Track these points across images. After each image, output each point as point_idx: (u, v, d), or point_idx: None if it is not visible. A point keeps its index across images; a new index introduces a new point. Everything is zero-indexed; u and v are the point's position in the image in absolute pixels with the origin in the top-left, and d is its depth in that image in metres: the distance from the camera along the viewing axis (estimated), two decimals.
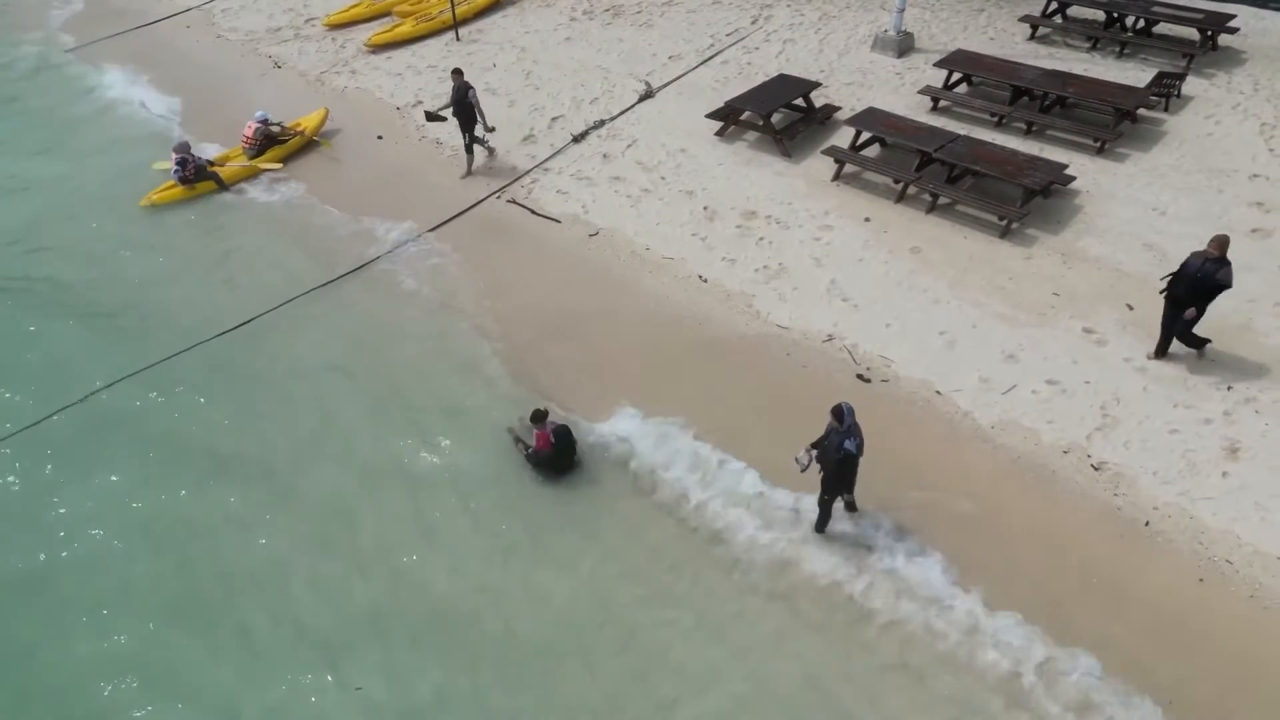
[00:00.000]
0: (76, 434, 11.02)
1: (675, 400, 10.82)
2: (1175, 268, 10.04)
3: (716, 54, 18.18)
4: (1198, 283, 9.59)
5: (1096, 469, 9.49)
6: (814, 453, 8.55)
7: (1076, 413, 10.08)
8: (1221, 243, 9.49)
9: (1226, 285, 9.56)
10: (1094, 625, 8.22)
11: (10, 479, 10.53)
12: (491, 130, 15.45)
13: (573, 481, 10.13)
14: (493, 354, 11.93)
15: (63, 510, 10.10)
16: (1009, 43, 17.19)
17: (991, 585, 8.59)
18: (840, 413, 8.34)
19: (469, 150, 15.43)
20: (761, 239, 13.26)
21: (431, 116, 15.49)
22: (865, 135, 14.14)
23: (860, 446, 8.39)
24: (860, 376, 10.91)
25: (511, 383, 11.45)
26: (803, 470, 8.63)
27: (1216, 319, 10.46)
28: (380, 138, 17.30)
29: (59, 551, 9.66)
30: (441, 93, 18.42)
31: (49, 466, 10.65)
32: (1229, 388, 10.05)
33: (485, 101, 17.59)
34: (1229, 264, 9.48)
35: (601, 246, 13.68)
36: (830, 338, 11.51)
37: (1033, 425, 10.03)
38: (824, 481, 8.71)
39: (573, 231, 14.10)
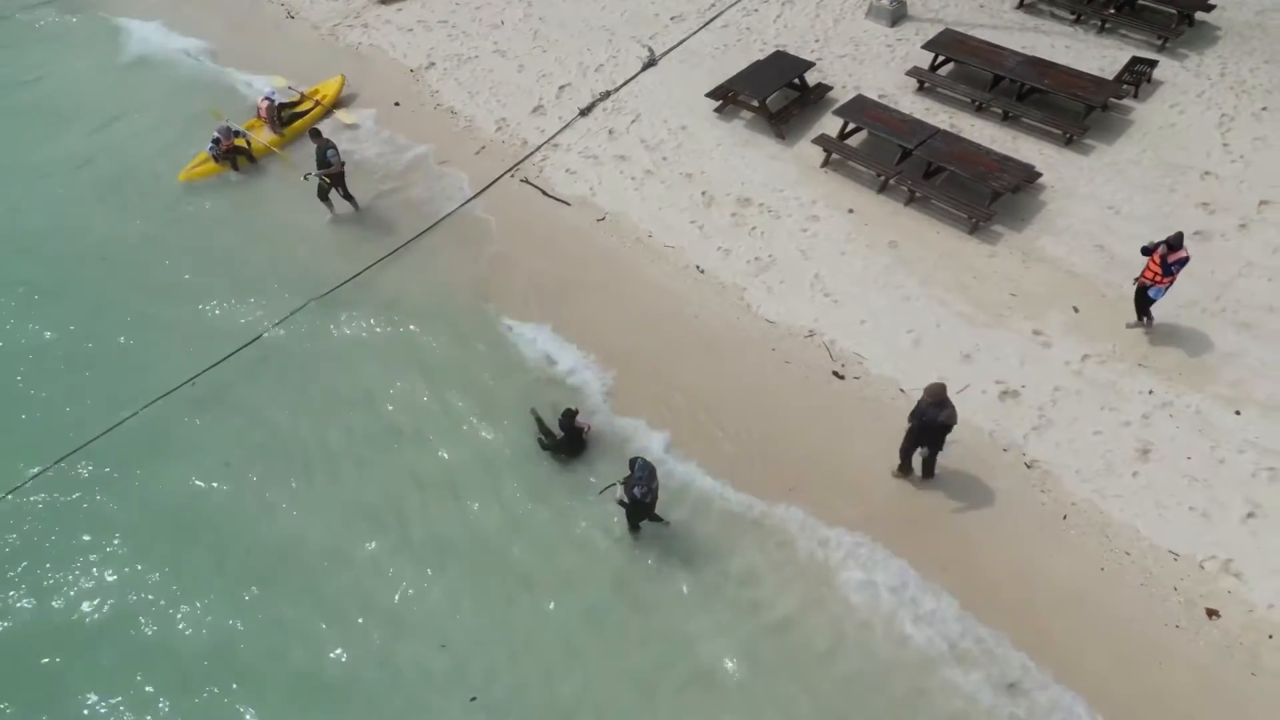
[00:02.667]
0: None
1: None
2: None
3: (717, 15, 18.86)
4: (925, 424, 10.39)
5: (1029, 467, 11.25)
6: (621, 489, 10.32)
7: (1018, 413, 11.75)
8: (935, 391, 10.11)
9: (950, 425, 10.28)
10: (1012, 603, 10.14)
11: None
12: (349, 198, 15.48)
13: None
14: None
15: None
16: (998, 11, 17.89)
17: (929, 566, 10.48)
18: (631, 465, 10.15)
19: (324, 198, 15.28)
20: (754, 229, 14.58)
21: (311, 176, 15.21)
22: (852, 125, 15.19)
23: (647, 494, 10.11)
24: (836, 374, 12.52)
25: None
26: (616, 499, 10.43)
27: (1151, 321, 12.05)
28: (397, 104, 18.26)
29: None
30: (451, 52, 19.36)
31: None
32: (1150, 392, 11.67)
33: (493, 62, 18.57)
34: (949, 406, 10.17)
35: (609, 231, 15.01)
36: (811, 333, 13.06)
37: (980, 424, 11.71)
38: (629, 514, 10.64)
39: (582, 215, 15.38)
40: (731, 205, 14.99)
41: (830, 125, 15.75)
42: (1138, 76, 15.44)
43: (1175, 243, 11.20)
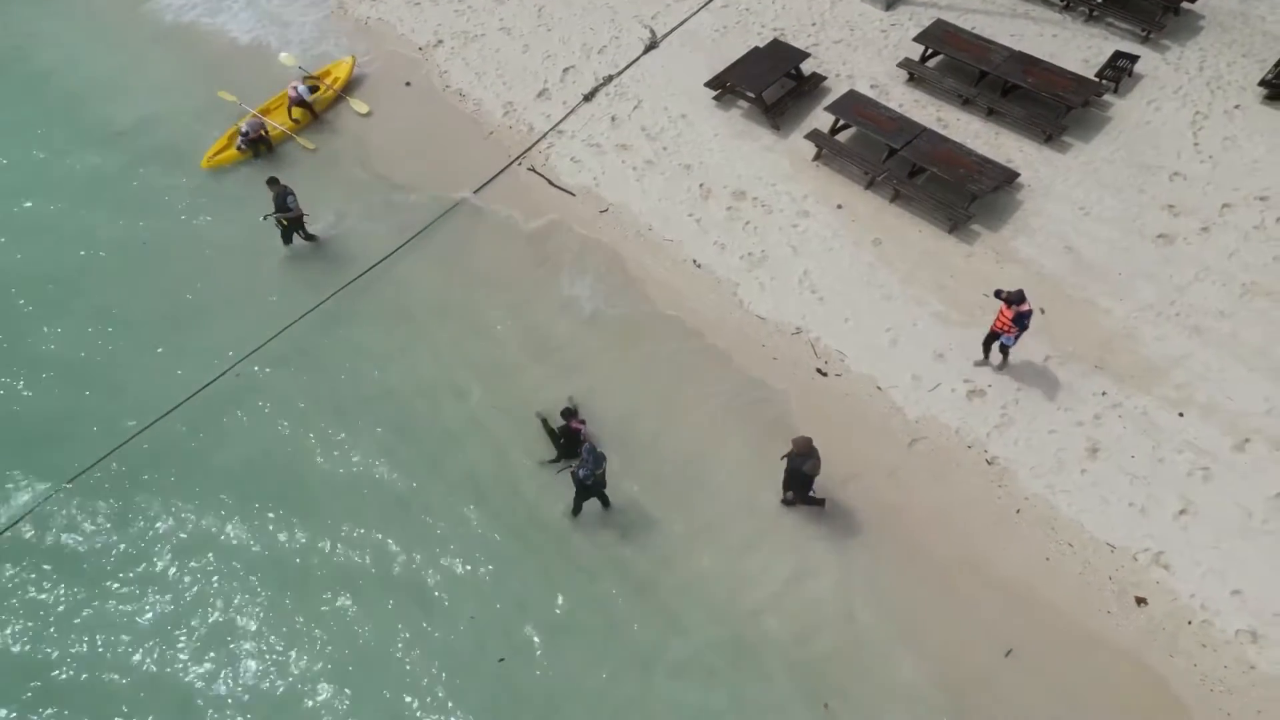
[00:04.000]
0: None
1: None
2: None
3: None
4: (793, 473, 11.56)
5: (990, 463, 12.50)
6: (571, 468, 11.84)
7: (983, 411, 12.94)
8: (801, 444, 11.27)
9: (811, 476, 11.46)
10: (968, 589, 11.53)
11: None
12: (311, 239, 16.06)
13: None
14: None
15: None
16: None
17: (894, 556, 11.85)
18: (581, 451, 11.67)
19: (287, 240, 15.80)
20: (747, 223, 15.51)
21: (269, 218, 15.60)
22: (843, 122, 15.96)
23: (590, 476, 11.57)
24: (819, 370, 13.67)
25: None
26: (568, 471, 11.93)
27: (1106, 325, 13.16)
28: (408, 84, 18.94)
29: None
30: (458, 30, 19.93)
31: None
32: (1104, 393, 12.83)
33: (499, 40, 19.19)
34: (813, 458, 11.30)
35: (611, 224, 15.96)
36: (799, 330, 14.16)
37: (948, 421, 12.93)
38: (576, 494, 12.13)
39: (586, 206, 16.30)
40: (727, 199, 15.88)
41: (823, 118, 16.48)
42: (1119, 72, 16.08)
43: (1014, 299, 12.05)
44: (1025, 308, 12.05)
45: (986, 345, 12.98)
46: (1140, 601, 11.21)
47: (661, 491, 12.69)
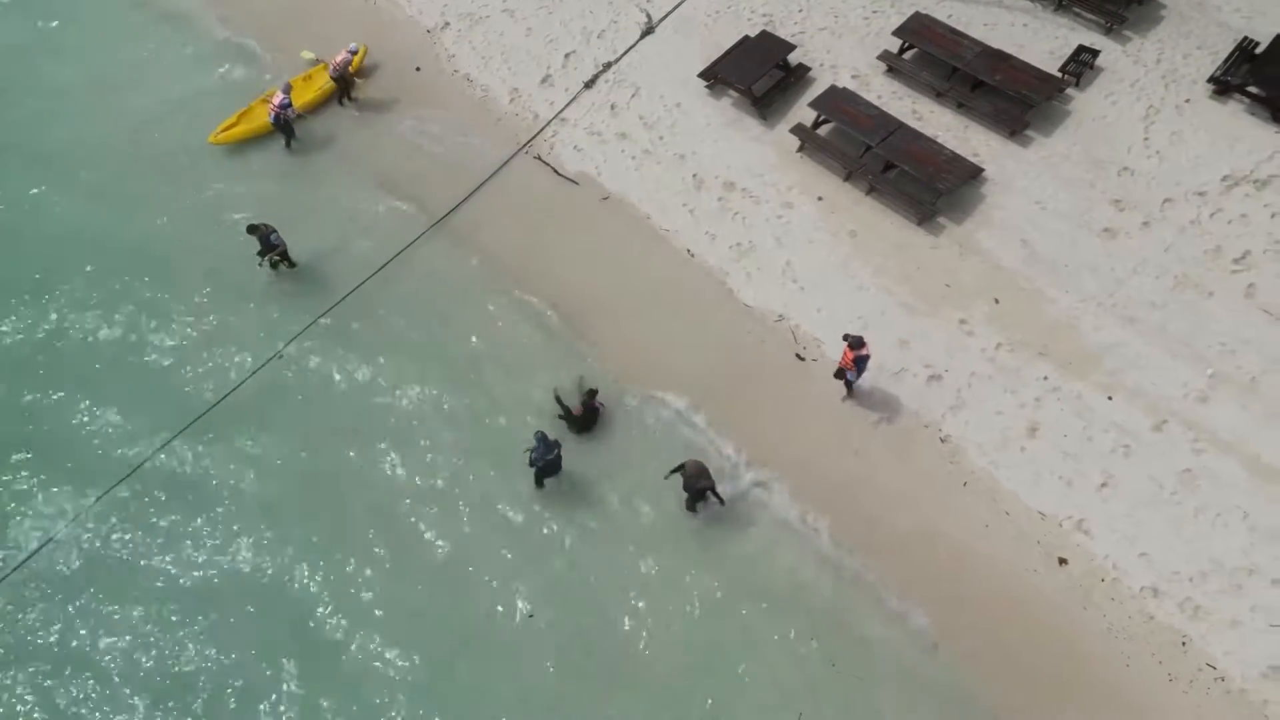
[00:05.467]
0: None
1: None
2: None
3: None
4: (689, 490, 13.69)
5: (943, 441, 14.46)
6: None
7: (940, 394, 14.82)
8: (693, 468, 13.43)
9: (707, 488, 13.51)
10: (918, 558, 13.63)
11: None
12: (292, 266, 17.12)
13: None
14: None
15: None
16: None
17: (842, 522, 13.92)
18: (535, 440, 13.65)
19: (274, 266, 16.93)
20: (736, 214, 17.07)
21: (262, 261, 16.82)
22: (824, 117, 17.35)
23: (541, 460, 13.65)
24: (798, 356, 15.49)
25: None
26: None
27: (1051, 315, 14.94)
28: (419, 69, 20.14)
29: None
30: (464, 11, 20.99)
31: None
32: (1045, 378, 14.69)
33: (503, 23, 20.33)
34: (705, 477, 13.44)
35: (612, 212, 17.50)
36: (781, 318, 15.92)
37: (908, 403, 14.83)
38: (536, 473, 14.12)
39: (588, 194, 17.81)
40: (718, 189, 17.39)
41: (808, 110, 17.78)
42: (1081, 66, 17.36)
43: (855, 343, 13.86)
44: (864, 352, 13.89)
45: (837, 376, 14.71)
46: (1062, 562, 13.33)
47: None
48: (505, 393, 15.62)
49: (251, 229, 16.39)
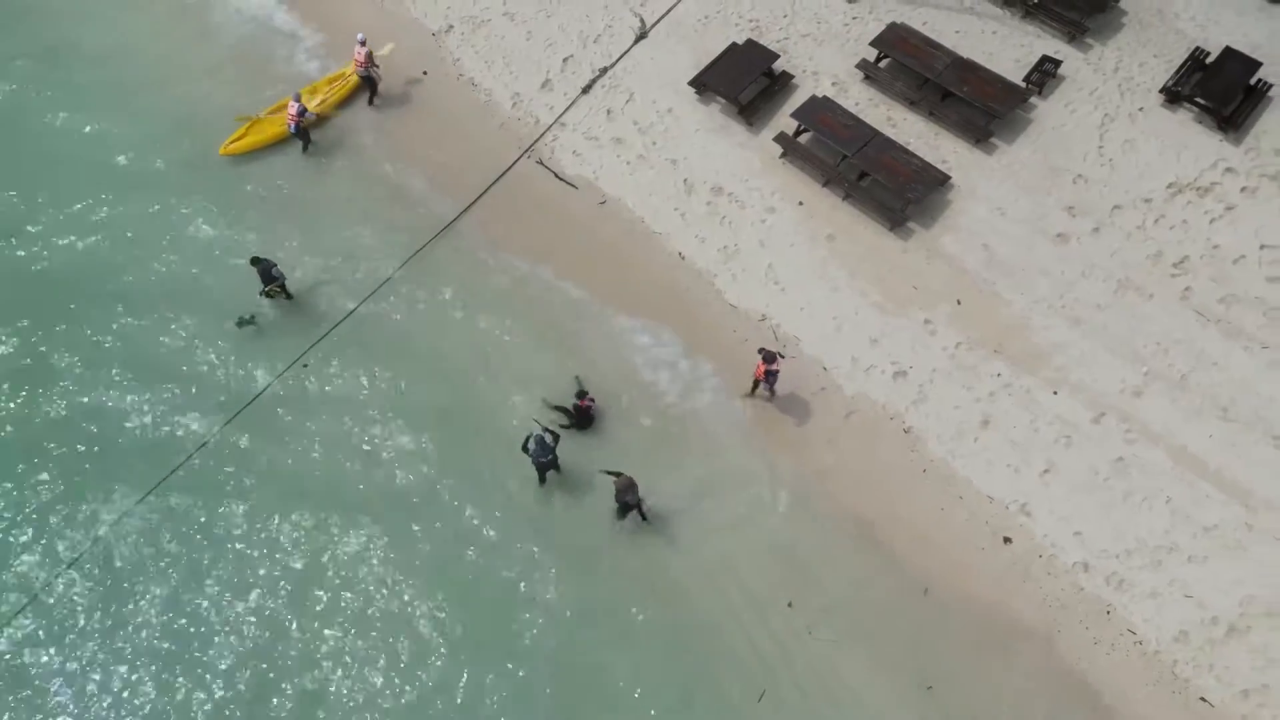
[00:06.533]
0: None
1: None
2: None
3: None
4: (620, 503, 15.11)
5: (906, 432, 16.22)
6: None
7: (904, 389, 16.53)
8: (621, 483, 14.79)
9: (636, 503, 14.95)
10: (886, 535, 15.49)
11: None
12: (289, 298, 18.12)
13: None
14: None
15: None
16: None
17: (829, 508, 15.77)
18: (532, 440, 15.09)
19: (273, 295, 17.81)
20: (724, 218, 18.55)
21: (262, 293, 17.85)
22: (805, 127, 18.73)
23: (537, 459, 15.18)
24: (779, 354, 17.14)
25: None
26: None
27: (1007, 316, 16.58)
28: (425, 74, 21.38)
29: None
30: (466, 14, 22.14)
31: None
32: (999, 375, 16.39)
33: (504, 27, 21.53)
34: (633, 490, 14.79)
35: (609, 215, 18.99)
36: (764, 318, 17.54)
37: (876, 398, 16.55)
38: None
39: (587, 198, 19.27)
40: (707, 194, 18.84)
41: (791, 108, 19.09)
42: (1044, 76, 18.69)
43: (768, 358, 15.55)
44: (775, 367, 15.62)
45: (753, 389, 16.47)
46: (1007, 540, 15.20)
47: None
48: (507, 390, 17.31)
49: (255, 261, 17.49)
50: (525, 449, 15.29)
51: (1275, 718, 13.38)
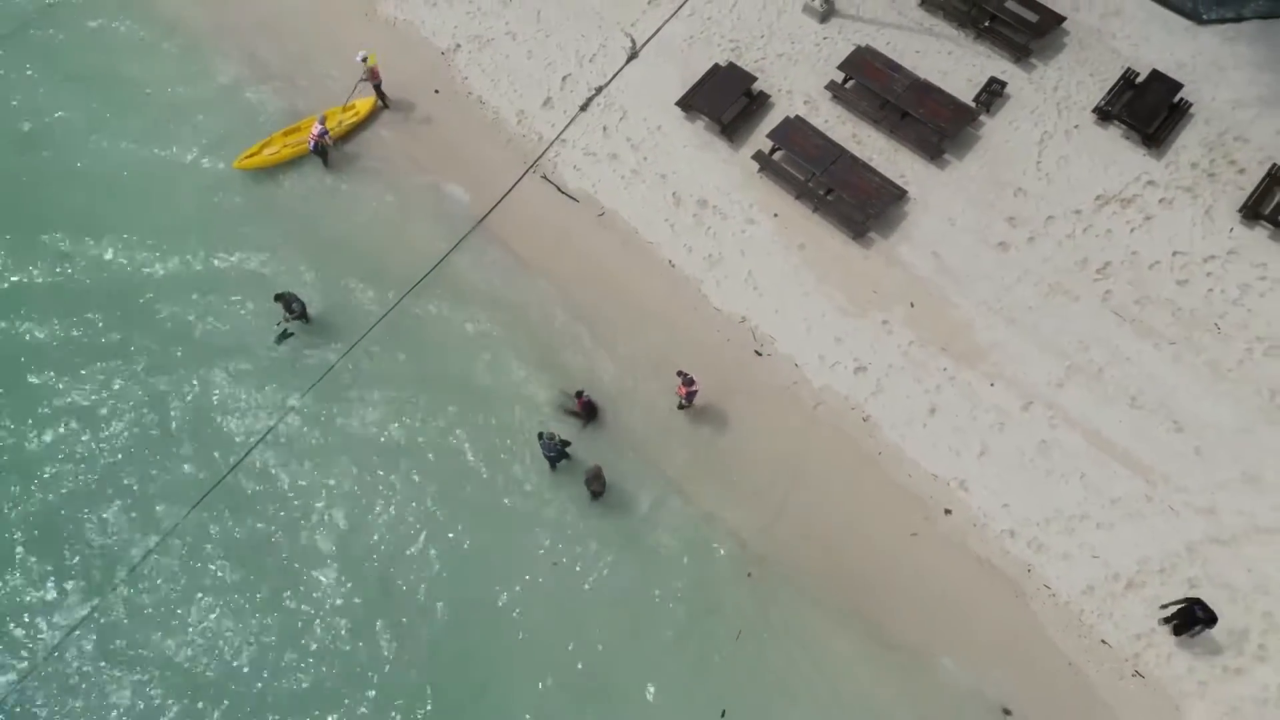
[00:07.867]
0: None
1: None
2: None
3: (684, 3, 23.46)
4: (588, 489, 18.08)
5: (865, 420, 18.99)
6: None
7: (864, 383, 19.25)
8: (591, 471, 17.80)
9: (601, 491, 18.04)
10: (847, 508, 18.40)
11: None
12: (308, 322, 20.31)
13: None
14: None
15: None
16: (905, 8, 22.66)
17: (806, 491, 18.62)
18: (543, 438, 17.89)
19: (287, 336, 20.05)
20: (708, 229, 21.04)
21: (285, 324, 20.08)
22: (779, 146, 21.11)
23: (548, 448, 17.94)
24: (757, 352, 19.82)
25: None
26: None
27: (953, 317, 19.25)
28: (437, 92, 23.56)
29: None
30: (472, 33, 24.21)
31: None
32: (945, 369, 19.11)
33: (507, 46, 23.65)
34: (600, 479, 17.83)
35: (607, 226, 21.45)
36: (744, 319, 20.16)
37: (839, 390, 19.28)
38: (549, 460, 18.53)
39: (587, 210, 21.70)
40: (693, 206, 21.29)
41: (768, 126, 21.41)
42: (992, 96, 21.03)
43: (686, 381, 17.95)
44: (695, 388, 18.14)
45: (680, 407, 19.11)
46: (947, 512, 18.10)
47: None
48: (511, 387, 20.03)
49: (278, 297, 19.55)
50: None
51: (1158, 655, 16.45)
